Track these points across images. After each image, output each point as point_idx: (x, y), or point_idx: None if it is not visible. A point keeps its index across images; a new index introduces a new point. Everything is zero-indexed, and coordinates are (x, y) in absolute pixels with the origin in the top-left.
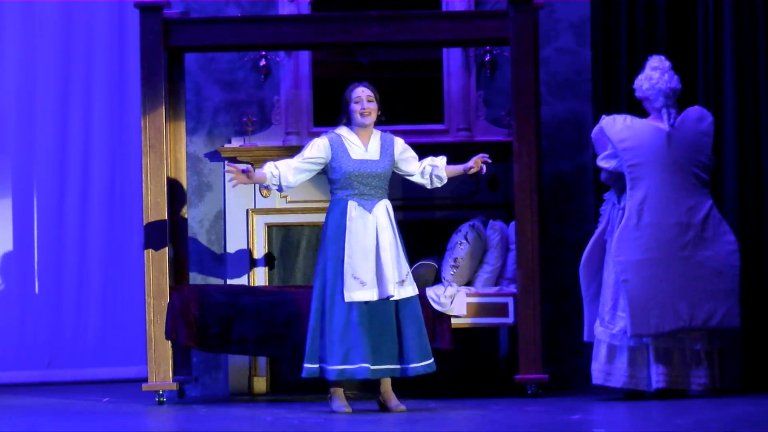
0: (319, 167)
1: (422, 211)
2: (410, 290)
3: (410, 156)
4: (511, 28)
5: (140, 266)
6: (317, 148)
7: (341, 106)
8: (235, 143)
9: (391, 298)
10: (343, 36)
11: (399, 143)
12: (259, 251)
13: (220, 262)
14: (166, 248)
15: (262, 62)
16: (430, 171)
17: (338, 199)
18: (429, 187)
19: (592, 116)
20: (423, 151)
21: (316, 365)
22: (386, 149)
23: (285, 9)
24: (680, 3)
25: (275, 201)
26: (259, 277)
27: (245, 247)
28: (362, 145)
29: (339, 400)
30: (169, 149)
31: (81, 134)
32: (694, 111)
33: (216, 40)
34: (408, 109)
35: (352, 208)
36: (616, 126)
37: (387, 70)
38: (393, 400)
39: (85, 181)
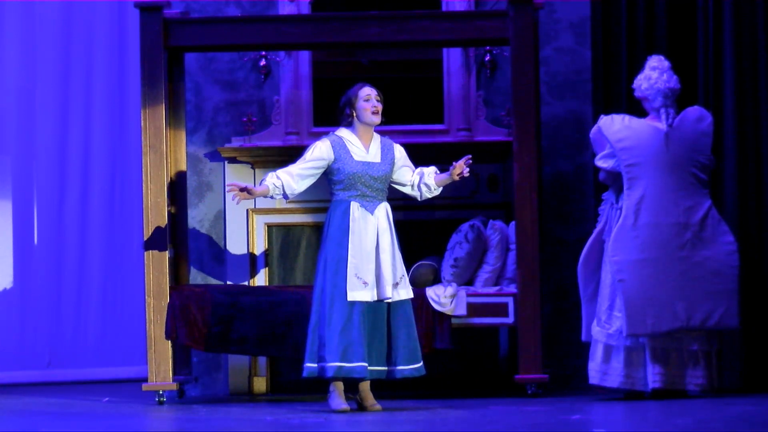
0: (322, 170)
1: (422, 211)
2: (404, 293)
3: (407, 165)
4: (511, 28)
5: (140, 266)
6: (319, 151)
7: (343, 106)
8: (235, 143)
9: (387, 300)
10: (343, 36)
11: (399, 150)
12: (259, 251)
13: (220, 262)
14: (166, 248)
15: (262, 62)
16: (418, 180)
17: (340, 200)
18: (420, 199)
19: (592, 116)
20: (423, 151)
21: (316, 364)
22: (387, 153)
23: (285, 9)
24: (680, 3)
25: (275, 201)
26: (259, 277)
27: (245, 247)
28: (363, 147)
29: (338, 398)
30: (169, 149)
31: (81, 134)
32: (693, 111)
33: (216, 40)
34: (408, 109)
35: (355, 208)
36: (614, 126)
37: (387, 70)
38: (370, 399)
39: (85, 181)
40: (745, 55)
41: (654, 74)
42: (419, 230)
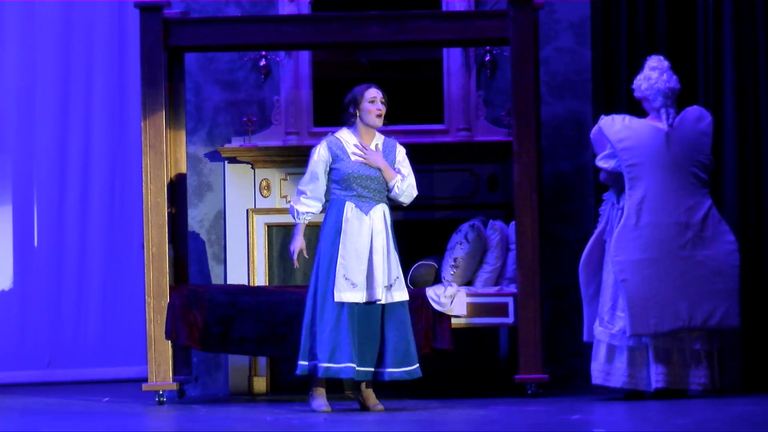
0: (327, 171)
1: (422, 211)
2: (398, 295)
3: (401, 168)
4: (511, 28)
5: (140, 266)
6: (318, 155)
7: (348, 104)
8: (235, 143)
9: (378, 302)
10: (343, 36)
11: (400, 152)
12: (259, 251)
13: (220, 262)
14: (166, 248)
15: (262, 62)
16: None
17: (337, 200)
18: (404, 202)
19: (592, 116)
20: (423, 151)
21: (308, 362)
22: (387, 154)
23: (285, 9)
24: (680, 3)
25: (275, 201)
26: (259, 277)
27: (245, 246)
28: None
29: (320, 399)
30: (169, 149)
31: (81, 134)
32: (693, 111)
33: (216, 40)
34: (408, 109)
35: (349, 209)
36: (614, 126)
37: (387, 70)
38: (373, 400)
39: (85, 181)
40: (745, 55)
41: (654, 74)
42: (419, 230)
